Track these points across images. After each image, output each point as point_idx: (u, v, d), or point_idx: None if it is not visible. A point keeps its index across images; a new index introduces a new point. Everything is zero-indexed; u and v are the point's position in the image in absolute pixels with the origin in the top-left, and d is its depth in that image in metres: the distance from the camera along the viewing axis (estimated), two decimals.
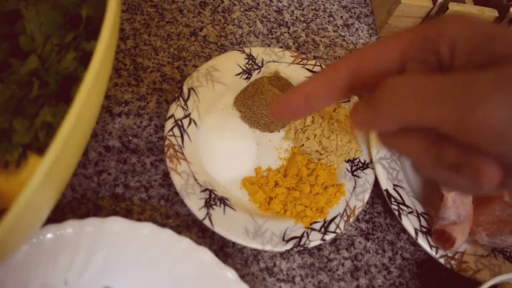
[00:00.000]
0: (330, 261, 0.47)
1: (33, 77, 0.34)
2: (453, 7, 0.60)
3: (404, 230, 0.51)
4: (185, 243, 0.39)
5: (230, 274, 0.39)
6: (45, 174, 0.25)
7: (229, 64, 0.52)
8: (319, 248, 0.47)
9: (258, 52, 0.53)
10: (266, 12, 0.61)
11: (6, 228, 0.24)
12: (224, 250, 0.45)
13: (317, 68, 0.55)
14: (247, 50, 0.53)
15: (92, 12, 0.37)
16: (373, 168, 0.50)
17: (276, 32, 0.59)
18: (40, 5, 0.36)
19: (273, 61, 0.54)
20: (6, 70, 0.35)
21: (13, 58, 0.35)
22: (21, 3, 0.36)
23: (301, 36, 0.60)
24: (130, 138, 0.47)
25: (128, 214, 0.43)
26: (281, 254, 0.46)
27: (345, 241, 0.49)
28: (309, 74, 0.54)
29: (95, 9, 0.37)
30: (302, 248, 0.44)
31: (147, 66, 0.51)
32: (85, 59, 0.36)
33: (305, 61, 0.55)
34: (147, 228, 0.39)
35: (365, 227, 0.50)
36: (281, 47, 0.58)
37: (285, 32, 0.60)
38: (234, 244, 0.45)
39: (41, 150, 0.34)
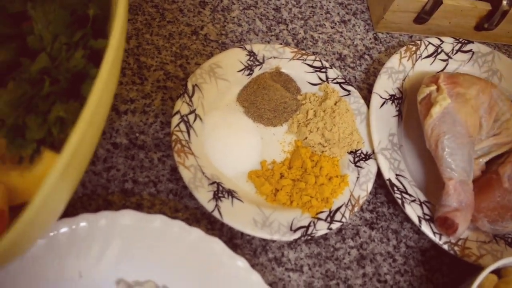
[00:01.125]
0: (336, 250, 0.48)
1: (43, 75, 0.35)
2: (447, 1, 0.61)
3: (407, 219, 0.52)
4: (196, 234, 0.40)
5: (241, 262, 0.40)
6: (64, 168, 0.25)
7: (231, 61, 0.53)
8: (325, 238, 0.48)
9: (259, 48, 0.54)
10: (264, 10, 0.62)
11: (26, 221, 0.25)
12: (233, 241, 0.45)
13: (317, 63, 0.56)
14: (248, 47, 0.54)
15: (98, 11, 0.38)
16: (375, 159, 0.51)
17: (275, 29, 0.60)
18: (47, 5, 0.37)
19: (274, 57, 0.55)
20: (16, 69, 0.36)
21: (23, 57, 0.36)
22: (29, 4, 0.37)
23: (300, 33, 0.61)
24: (137, 135, 0.48)
25: (138, 208, 0.44)
26: (289, 244, 0.47)
27: (350, 231, 0.50)
28: (310, 69, 0.55)
29: (101, 8, 0.38)
30: (309, 237, 0.45)
31: (150, 65, 0.52)
32: (92, 56, 0.36)
33: (305, 57, 0.56)
34: (159, 220, 0.40)
35: (369, 217, 0.51)
36: (281, 44, 0.59)
37: (284, 29, 0.61)
38: (242, 235, 0.46)
39: (54, 145, 0.35)
